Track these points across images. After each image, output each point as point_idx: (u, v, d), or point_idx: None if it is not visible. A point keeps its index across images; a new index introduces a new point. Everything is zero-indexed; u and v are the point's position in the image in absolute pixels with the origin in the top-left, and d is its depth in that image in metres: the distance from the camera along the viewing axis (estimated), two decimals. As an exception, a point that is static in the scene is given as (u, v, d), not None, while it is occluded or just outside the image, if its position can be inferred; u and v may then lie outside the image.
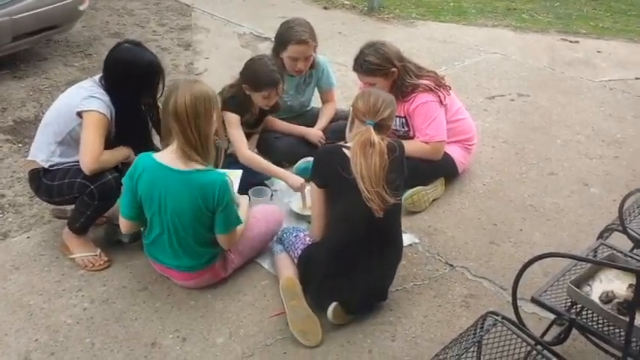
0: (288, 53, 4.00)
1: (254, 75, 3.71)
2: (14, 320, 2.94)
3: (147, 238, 3.10)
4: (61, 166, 3.23)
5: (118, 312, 3.01)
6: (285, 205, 3.74)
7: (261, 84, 3.69)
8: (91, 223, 3.31)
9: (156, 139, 3.45)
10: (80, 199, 3.18)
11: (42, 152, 3.27)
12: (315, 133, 4.21)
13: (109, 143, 3.23)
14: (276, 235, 3.34)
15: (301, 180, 3.62)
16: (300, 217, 3.66)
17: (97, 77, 3.31)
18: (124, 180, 3.00)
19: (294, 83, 4.26)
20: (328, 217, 2.98)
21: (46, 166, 3.24)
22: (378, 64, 3.75)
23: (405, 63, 3.83)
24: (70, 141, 3.22)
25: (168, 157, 2.89)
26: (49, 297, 3.09)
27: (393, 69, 3.77)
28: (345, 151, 2.89)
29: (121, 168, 3.31)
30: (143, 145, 3.28)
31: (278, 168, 3.75)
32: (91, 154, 3.11)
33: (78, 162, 3.20)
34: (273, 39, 4.25)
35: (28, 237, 3.51)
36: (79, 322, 2.94)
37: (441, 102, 3.85)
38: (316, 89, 4.46)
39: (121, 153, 3.29)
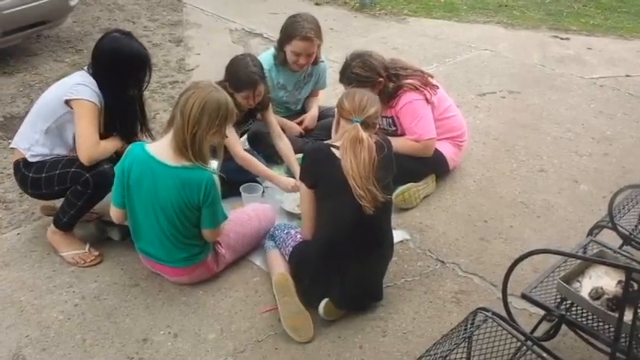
0: (292, 48, 3.99)
1: (233, 75, 3.65)
2: (5, 316, 2.94)
3: (134, 232, 3.10)
4: (44, 158, 3.21)
5: (110, 308, 3.01)
6: (277, 202, 3.74)
7: (239, 85, 3.62)
8: (79, 217, 3.29)
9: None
10: (72, 189, 3.17)
11: (25, 140, 3.26)
12: (293, 128, 4.29)
13: (100, 133, 3.22)
14: (268, 232, 3.34)
15: (292, 182, 3.63)
16: (291, 215, 3.67)
17: (85, 67, 3.29)
18: (115, 168, 3.00)
19: (294, 79, 4.26)
20: (318, 216, 2.99)
21: (27, 155, 3.22)
22: (366, 76, 3.73)
23: (389, 72, 3.83)
24: (55, 131, 3.20)
25: (160, 148, 2.90)
26: (40, 293, 3.08)
27: (380, 79, 3.77)
28: (334, 150, 2.89)
29: (115, 158, 3.31)
30: (129, 135, 3.28)
31: (271, 172, 3.75)
32: (88, 144, 3.11)
33: (60, 155, 3.20)
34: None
35: (18, 233, 3.50)
36: (70, 318, 2.94)
37: (427, 100, 3.86)
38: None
39: (114, 143, 3.28)
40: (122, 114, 3.31)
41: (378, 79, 3.75)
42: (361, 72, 3.73)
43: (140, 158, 2.91)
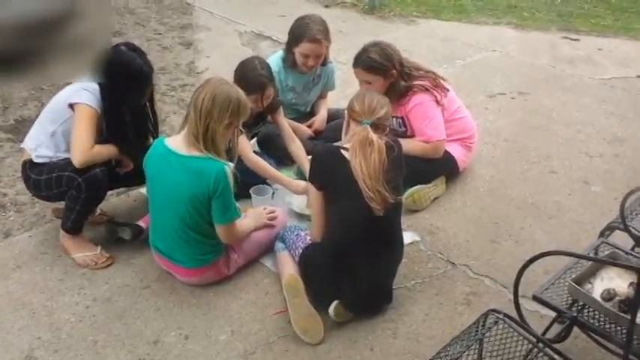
0: (301, 49, 4.01)
1: (242, 78, 3.64)
2: (17, 318, 2.95)
3: (151, 226, 3.16)
4: (46, 160, 3.25)
5: (121, 310, 3.02)
6: (287, 204, 3.75)
7: (247, 88, 3.56)
8: (82, 220, 3.31)
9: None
10: (69, 194, 3.18)
11: (32, 141, 3.31)
12: (304, 131, 4.29)
13: (100, 140, 3.24)
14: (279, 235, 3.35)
15: (302, 184, 3.63)
16: (301, 216, 3.67)
17: None
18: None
19: (303, 81, 4.27)
20: (328, 218, 2.99)
21: (33, 156, 3.26)
22: (381, 63, 3.73)
23: (404, 68, 3.82)
24: (60, 134, 3.24)
25: (176, 141, 2.96)
26: (51, 295, 3.10)
27: (393, 70, 3.76)
28: (344, 152, 2.89)
29: (115, 164, 3.35)
30: (136, 146, 3.29)
31: (280, 174, 3.75)
32: (81, 147, 3.12)
33: (63, 158, 3.22)
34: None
35: (30, 236, 3.52)
36: (81, 320, 2.95)
37: (437, 102, 3.85)
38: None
39: (110, 149, 3.28)
40: (120, 124, 3.32)
41: (391, 69, 3.74)
42: (377, 58, 3.73)
43: (157, 151, 3.00)
